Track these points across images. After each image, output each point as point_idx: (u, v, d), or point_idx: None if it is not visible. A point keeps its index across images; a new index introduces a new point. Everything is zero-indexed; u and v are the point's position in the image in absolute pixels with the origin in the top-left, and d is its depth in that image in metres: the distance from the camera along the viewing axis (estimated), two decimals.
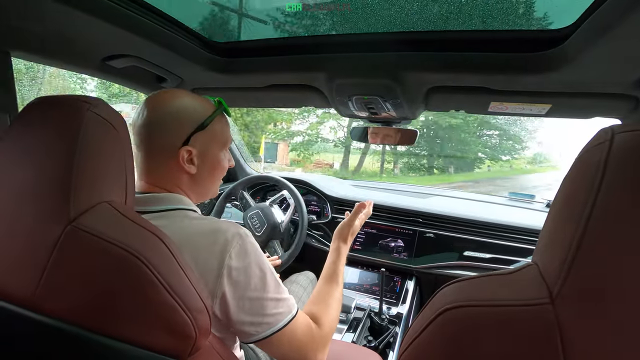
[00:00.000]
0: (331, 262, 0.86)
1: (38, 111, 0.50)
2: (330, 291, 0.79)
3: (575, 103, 0.86)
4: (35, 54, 0.83)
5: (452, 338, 0.32)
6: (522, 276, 0.32)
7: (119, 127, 0.51)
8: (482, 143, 14.02)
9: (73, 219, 0.44)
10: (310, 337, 0.66)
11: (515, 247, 1.30)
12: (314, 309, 0.73)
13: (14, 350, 0.51)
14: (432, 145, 13.32)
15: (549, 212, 0.34)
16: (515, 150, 14.98)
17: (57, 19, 0.67)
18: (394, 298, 1.40)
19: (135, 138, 0.65)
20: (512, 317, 0.30)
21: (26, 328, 0.46)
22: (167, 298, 0.44)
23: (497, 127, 13.52)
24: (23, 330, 0.47)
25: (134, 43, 0.82)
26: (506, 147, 14.44)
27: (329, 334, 0.71)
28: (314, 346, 0.66)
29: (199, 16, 0.86)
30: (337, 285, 0.81)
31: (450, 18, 0.73)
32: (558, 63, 0.70)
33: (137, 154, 0.66)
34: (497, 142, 14.38)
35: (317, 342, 0.67)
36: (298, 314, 0.64)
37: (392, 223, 1.51)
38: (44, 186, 0.46)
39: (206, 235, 0.58)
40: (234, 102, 1.31)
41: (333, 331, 0.73)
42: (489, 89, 0.86)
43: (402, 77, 0.86)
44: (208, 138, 0.67)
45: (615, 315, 0.27)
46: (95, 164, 0.47)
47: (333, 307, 0.76)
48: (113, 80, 1.05)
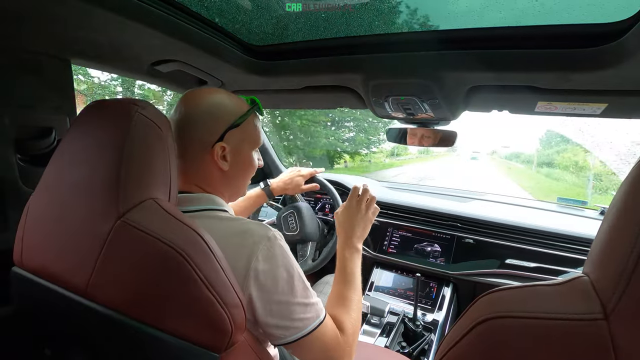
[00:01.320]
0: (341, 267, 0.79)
1: (93, 114, 0.54)
2: (347, 295, 0.75)
3: (634, 102, 0.79)
4: (92, 60, 0.90)
5: (491, 350, 0.31)
6: (571, 288, 0.30)
7: (163, 127, 0.54)
8: (336, 136, 12.44)
9: (122, 214, 0.48)
10: (337, 342, 0.65)
11: (564, 256, 1.22)
12: (334, 314, 0.70)
13: (66, 333, 0.56)
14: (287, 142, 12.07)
15: (603, 221, 0.32)
16: (372, 143, 13.57)
17: (110, 28, 0.73)
18: (429, 304, 1.36)
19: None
20: (558, 332, 0.28)
21: (79, 314, 0.50)
22: (206, 293, 0.46)
23: (355, 118, 12.06)
24: (76, 316, 0.51)
25: (179, 48, 0.86)
26: (362, 141, 13.06)
27: (355, 338, 0.70)
28: (341, 352, 0.65)
29: (238, 20, 0.89)
30: (354, 288, 0.77)
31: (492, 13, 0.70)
32: (615, 58, 0.65)
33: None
34: (353, 136, 12.66)
35: (344, 347, 0.66)
36: (326, 319, 0.64)
37: (429, 227, 1.47)
38: (97, 182, 0.49)
39: (235, 237, 0.58)
40: (271, 103, 1.34)
41: (356, 336, 0.71)
42: (535, 87, 0.81)
43: (439, 77, 0.84)
44: (241, 136, 0.69)
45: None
46: (142, 162, 0.51)
47: (353, 309, 0.73)
48: (158, 83, 1.11)
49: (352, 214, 0.86)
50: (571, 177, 18.77)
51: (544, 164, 30.04)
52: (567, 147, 25.00)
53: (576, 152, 20.76)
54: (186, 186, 0.67)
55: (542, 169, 28.15)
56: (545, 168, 27.43)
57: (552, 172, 22.55)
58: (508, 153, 61.78)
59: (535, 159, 33.10)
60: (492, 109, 0.98)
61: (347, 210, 0.87)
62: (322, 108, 1.29)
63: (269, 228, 0.61)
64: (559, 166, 23.99)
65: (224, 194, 0.70)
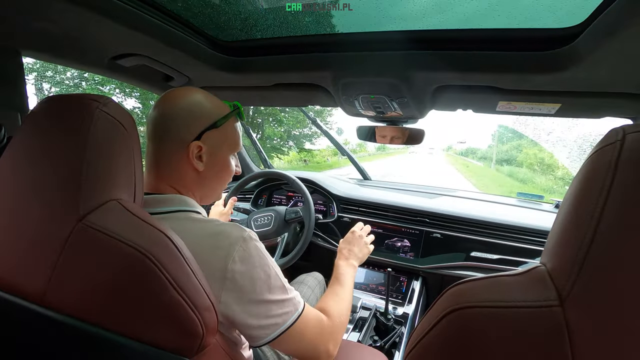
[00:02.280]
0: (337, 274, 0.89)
1: (49, 110, 0.50)
2: (339, 291, 0.82)
3: (585, 102, 0.84)
4: (45, 52, 0.84)
5: (458, 339, 0.32)
6: (530, 278, 0.32)
7: (128, 126, 0.52)
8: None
9: (82, 217, 0.45)
10: (320, 330, 0.66)
11: (523, 248, 1.29)
12: (323, 304, 0.75)
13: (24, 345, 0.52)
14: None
15: (558, 213, 0.34)
16: (301, 138, 13.26)
17: (65, 17, 0.68)
18: (400, 298, 1.39)
19: (148, 129, 0.66)
20: (519, 319, 0.29)
21: (37, 323, 0.47)
22: (175, 296, 0.44)
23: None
24: (33, 325, 0.48)
25: (142, 42, 0.82)
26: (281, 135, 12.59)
27: (340, 326, 0.72)
28: (324, 338, 0.67)
29: (205, 15, 0.86)
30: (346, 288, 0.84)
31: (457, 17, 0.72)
32: (568, 62, 0.69)
33: (148, 145, 0.66)
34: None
35: (327, 334, 0.67)
36: (305, 310, 0.64)
37: (399, 223, 1.51)
38: (54, 184, 0.46)
39: (209, 238, 0.57)
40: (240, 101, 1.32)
41: (344, 324, 0.74)
42: (497, 88, 0.85)
43: (408, 76, 0.86)
44: (220, 138, 0.68)
45: (627, 319, 0.26)
46: (104, 162, 0.48)
47: (344, 300, 0.79)
48: (121, 79, 1.06)
49: (353, 241, 1.04)
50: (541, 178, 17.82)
51: (504, 161, 29.78)
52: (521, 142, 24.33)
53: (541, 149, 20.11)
54: (159, 186, 0.65)
55: (502, 167, 27.41)
56: (505, 166, 26.66)
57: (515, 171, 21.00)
58: (464, 149, 62.59)
59: (494, 156, 32.87)
60: (457, 107, 1.02)
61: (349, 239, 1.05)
62: (292, 106, 1.29)
63: (243, 229, 0.60)
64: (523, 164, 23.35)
65: (196, 195, 0.68)
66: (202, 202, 0.71)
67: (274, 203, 1.81)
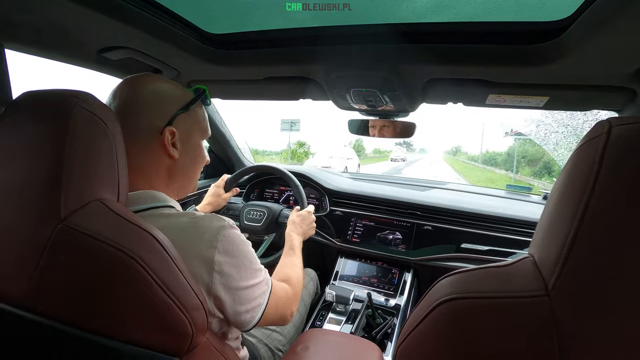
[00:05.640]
0: (290, 244, 1.03)
1: (26, 107, 0.49)
2: (294, 261, 0.95)
3: (572, 95, 0.86)
4: (30, 46, 0.82)
5: (449, 329, 0.33)
6: (518, 269, 0.33)
7: (108, 121, 0.50)
8: None
9: (64, 218, 0.44)
10: (286, 298, 0.74)
11: (513, 239, 1.31)
12: (283, 274, 0.85)
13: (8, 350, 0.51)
14: None
15: (545, 205, 0.34)
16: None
17: (51, 10, 0.66)
18: (391, 290, 1.41)
19: None
20: (508, 309, 0.30)
21: (20, 328, 0.46)
22: (162, 296, 0.44)
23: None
24: (17, 330, 0.46)
25: (130, 35, 0.80)
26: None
27: (299, 289, 0.84)
28: (289, 304, 0.76)
29: (194, 7, 0.84)
30: (297, 256, 0.98)
31: (448, 9, 0.73)
32: (555, 55, 0.70)
33: None
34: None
35: (292, 299, 0.77)
36: (273, 284, 0.69)
37: (390, 215, 1.52)
38: (33, 184, 0.45)
39: (189, 231, 0.56)
40: (231, 94, 1.30)
41: (300, 285, 0.86)
42: (486, 81, 0.85)
43: (400, 70, 0.86)
44: (191, 122, 0.66)
45: (612, 309, 0.27)
46: (85, 161, 0.46)
47: (298, 266, 0.93)
48: (109, 72, 1.04)
49: (306, 219, 1.18)
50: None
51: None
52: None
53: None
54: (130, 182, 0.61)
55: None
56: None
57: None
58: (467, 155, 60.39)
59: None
60: (448, 101, 1.02)
61: (304, 216, 1.19)
62: (283, 99, 1.27)
63: (221, 218, 0.60)
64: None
65: (170, 188, 0.66)
66: (178, 195, 0.69)
67: (266, 198, 1.80)
